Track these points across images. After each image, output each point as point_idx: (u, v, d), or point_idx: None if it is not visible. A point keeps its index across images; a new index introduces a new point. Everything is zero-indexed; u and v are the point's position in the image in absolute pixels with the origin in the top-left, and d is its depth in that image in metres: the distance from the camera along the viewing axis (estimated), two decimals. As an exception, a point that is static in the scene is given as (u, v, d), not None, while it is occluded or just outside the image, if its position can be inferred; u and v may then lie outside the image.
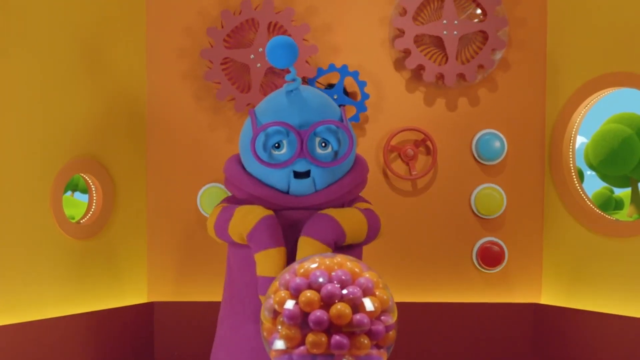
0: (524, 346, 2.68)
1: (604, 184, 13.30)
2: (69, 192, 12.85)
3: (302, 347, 1.30)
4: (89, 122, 2.46)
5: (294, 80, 1.91)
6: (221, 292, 2.20)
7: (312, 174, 1.90)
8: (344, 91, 2.65)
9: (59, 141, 2.33)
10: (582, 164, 12.21)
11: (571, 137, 2.64)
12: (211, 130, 2.74)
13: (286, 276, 1.38)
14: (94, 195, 2.52)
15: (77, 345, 2.32)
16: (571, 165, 2.64)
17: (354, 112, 2.67)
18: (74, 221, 2.44)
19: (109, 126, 2.55)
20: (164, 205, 2.73)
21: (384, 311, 1.35)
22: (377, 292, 1.36)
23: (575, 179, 2.61)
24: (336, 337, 1.28)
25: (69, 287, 2.35)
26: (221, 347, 2.03)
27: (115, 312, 2.51)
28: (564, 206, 2.61)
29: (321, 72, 2.64)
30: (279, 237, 1.83)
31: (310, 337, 1.28)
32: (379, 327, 1.33)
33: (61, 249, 2.32)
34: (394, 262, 2.70)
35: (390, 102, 2.73)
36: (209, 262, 2.70)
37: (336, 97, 2.62)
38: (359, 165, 2.04)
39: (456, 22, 2.62)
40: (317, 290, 1.32)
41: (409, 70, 2.71)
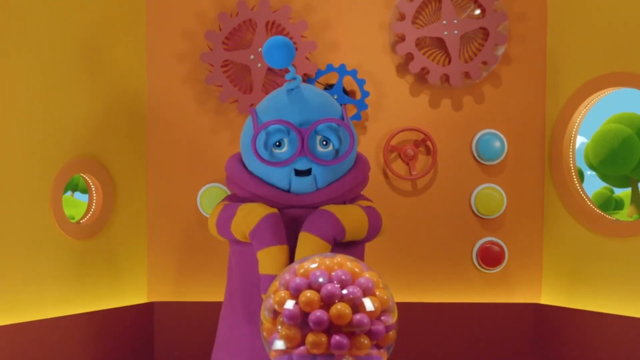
0: (524, 346, 2.68)
1: (604, 184, 13.30)
2: (69, 192, 12.85)
3: (302, 347, 1.30)
4: (89, 122, 2.46)
5: (294, 79, 1.91)
6: (221, 292, 2.20)
7: (313, 172, 1.90)
8: (344, 90, 2.65)
9: (59, 141, 2.33)
10: (582, 164, 12.21)
11: (571, 137, 2.64)
12: (211, 130, 2.73)
13: (286, 276, 1.38)
14: (94, 195, 2.52)
15: (77, 345, 2.32)
16: (571, 165, 2.64)
17: (354, 111, 2.67)
18: (74, 221, 2.44)
19: (109, 126, 2.54)
20: (164, 205, 2.73)
21: (384, 311, 1.35)
22: (377, 292, 1.35)
23: (575, 179, 2.61)
24: (336, 337, 1.28)
25: (69, 287, 2.35)
26: (222, 346, 2.03)
27: (115, 312, 2.51)
28: (564, 206, 2.61)
29: (320, 73, 2.64)
30: (282, 235, 1.83)
31: (310, 337, 1.28)
32: (379, 327, 1.33)
33: (61, 249, 2.32)
34: (394, 262, 2.70)
35: (390, 102, 2.73)
36: (209, 262, 2.70)
37: (336, 97, 2.62)
38: (361, 163, 2.04)
39: (456, 22, 2.62)
40: (317, 290, 1.32)
41: (409, 70, 2.70)
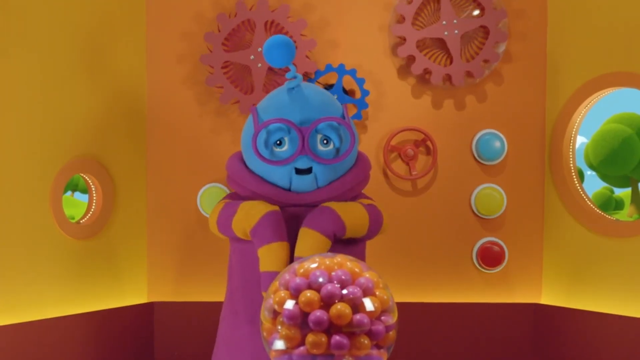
0: (524, 346, 2.68)
1: (604, 184, 13.31)
2: (69, 192, 12.85)
3: (302, 348, 1.30)
4: (89, 122, 2.46)
5: (295, 77, 1.91)
6: (221, 292, 2.20)
7: (313, 170, 1.90)
8: (343, 90, 2.65)
9: (59, 141, 2.33)
10: (582, 164, 12.21)
11: (571, 137, 2.63)
12: (211, 130, 2.73)
13: (286, 276, 1.38)
14: (94, 195, 2.52)
15: (77, 345, 2.32)
16: (571, 165, 2.64)
17: (355, 111, 2.67)
18: (74, 221, 2.44)
19: (109, 126, 2.54)
20: (164, 205, 2.73)
21: (384, 311, 1.35)
22: (377, 292, 1.35)
23: (575, 179, 2.61)
24: (336, 337, 1.28)
25: (68, 287, 2.35)
26: (223, 345, 2.03)
27: (115, 312, 2.51)
28: (564, 206, 2.61)
29: (319, 74, 2.64)
30: (283, 232, 1.83)
31: (310, 337, 1.28)
32: (379, 327, 1.33)
33: (61, 249, 2.32)
34: (394, 262, 2.70)
35: (390, 102, 2.72)
36: (209, 262, 2.70)
37: (336, 97, 2.62)
38: (362, 162, 2.04)
39: (455, 21, 2.62)
40: (317, 290, 1.31)
41: (409, 71, 2.70)
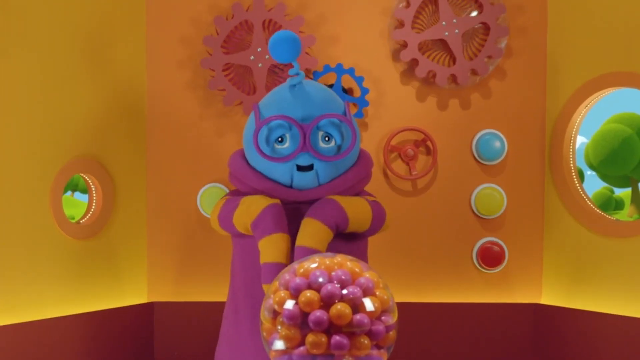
0: (524, 346, 2.68)
1: (604, 184, 13.31)
2: (69, 192, 12.85)
3: (302, 348, 1.30)
4: (89, 122, 2.46)
5: (297, 74, 1.91)
6: (221, 292, 2.20)
7: (315, 167, 1.90)
8: (343, 90, 2.65)
9: (59, 141, 2.33)
10: (582, 164, 12.21)
11: (571, 137, 2.63)
12: (211, 130, 2.73)
13: (286, 276, 1.38)
14: (94, 195, 2.52)
15: (77, 345, 2.32)
16: (571, 165, 2.64)
17: (356, 110, 2.67)
18: (74, 221, 2.44)
19: (109, 126, 2.54)
20: (164, 205, 2.73)
21: (384, 311, 1.35)
22: (377, 292, 1.35)
23: (575, 179, 2.61)
24: (336, 338, 1.28)
25: (69, 287, 2.35)
26: (225, 344, 2.03)
27: (115, 312, 2.51)
28: (564, 206, 2.61)
29: (317, 75, 2.64)
30: (284, 225, 1.82)
31: (310, 338, 1.28)
32: (379, 327, 1.32)
33: (61, 249, 2.32)
34: (394, 262, 2.70)
35: (390, 102, 2.72)
36: (209, 262, 2.70)
37: (336, 96, 2.62)
38: (364, 159, 2.04)
39: (455, 21, 2.61)
40: (317, 290, 1.31)
41: (409, 70, 2.70)
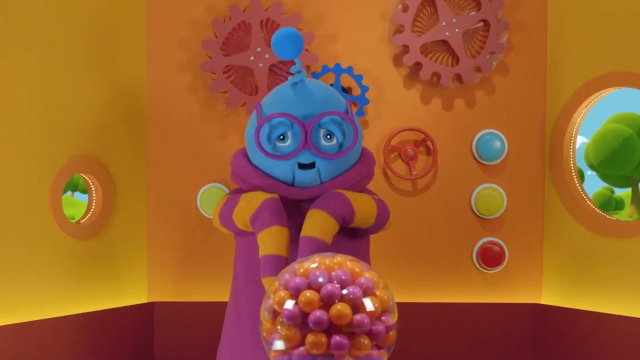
0: (524, 346, 2.67)
1: (605, 184, 13.31)
2: (69, 192, 12.85)
3: (301, 348, 1.29)
4: (89, 122, 2.45)
5: (299, 72, 1.91)
6: (221, 292, 2.21)
7: (317, 165, 1.90)
8: (342, 89, 2.65)
9: (59, 141, 2.33)
10: (582, 164, 12.21)
11: (571, 137, 2.63)
12: (210, 129, 2.73)
13: (286, 276, 1.38)
14: (94, 195, 2.52)
15: (77, 345, 2.32)
16: (571, 165, 2.64)
17: (356, 109, 2.66)
18: (73, 221, 2.44)
19: (109, 126, 2.54)
20: (164, 205, 2.73)
21: (385, 311, 1.35)
22: (377, 292, 1.35)
23: (575, 179, 2.61)
24: (336, 338, 1.28)
25: (68, 287, 2.35)
26: (227, 343, 2.03)
27: (115, 312, 2.51)
28: (564, 206, 2.61)
29: (316, 76, 2.63)
30: (282, 218, 1.81)
31: (310, 338, 1.28)
32: (380, 327, 1.32)
33: (61, 249, 2.32)
34: (394, 262, 2.70)
35: (390, 102, 2.72)
36: (209, 262, 2.70)
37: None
38: (366, 158, 2.03)
39: (454, 20, 2.61)
40: (317, 290, 1.31)
41: (407, 67, 2.70)
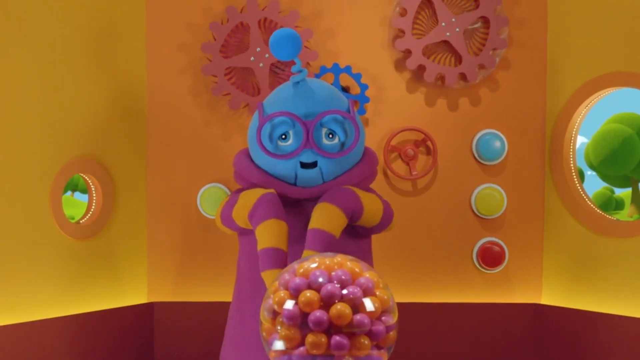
0: (524, 346, 2.67)
1: (605, 184, 13.30)
2: (69, 192, 12.85)
3: (301, 348, 1.29)
4: (89, 122, 2.45)
5: (300, 71, 1.91)
6: (221, 292, 2.21)
7: (319, 164, 1.90)
8: (342, 89, 2.65)
9: (59, 141, 2.33)
10: (582, 164, 12.20)
11: (572, 137, 2.63)
12: (211, 129, 2.73)
13: (286, 276, 1.38)
14: (94, 195, 2.52)
15: (78, 345, 2.32)
16: (571, 165, 2.63)
17: (357, 107, 2.66)
18: (73, 221, 2.44)
19: (109, 126, 2.54)
20: (164, 205, 2.73)
21: (385, 311, 1.35)
22: (377, 292, 1.35)
23: (575, 179, 2.61)
24: (336, 338, 1.28)
25: (69, 287, 2.35)
26: (229, 343, 2.03)
27: (115, 312, 2.51)
28: (564, 206, 2.61)
29: (315, 77, 2.63)
30: (279, 211, 1.80)
31: (310, 338, 1.28)
32: (380, 327, 1.32)
33: (61, 249, 2.32)
34: (394, 262, 2.69)
35: (390, 103, 2.72)
36: (209, 262, 2.70)
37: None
38: (368, 157, 2.03)
39: (454, 20, 2.61)
40: (317, 290, 1.31)
41: (408, 70, 2.70)
